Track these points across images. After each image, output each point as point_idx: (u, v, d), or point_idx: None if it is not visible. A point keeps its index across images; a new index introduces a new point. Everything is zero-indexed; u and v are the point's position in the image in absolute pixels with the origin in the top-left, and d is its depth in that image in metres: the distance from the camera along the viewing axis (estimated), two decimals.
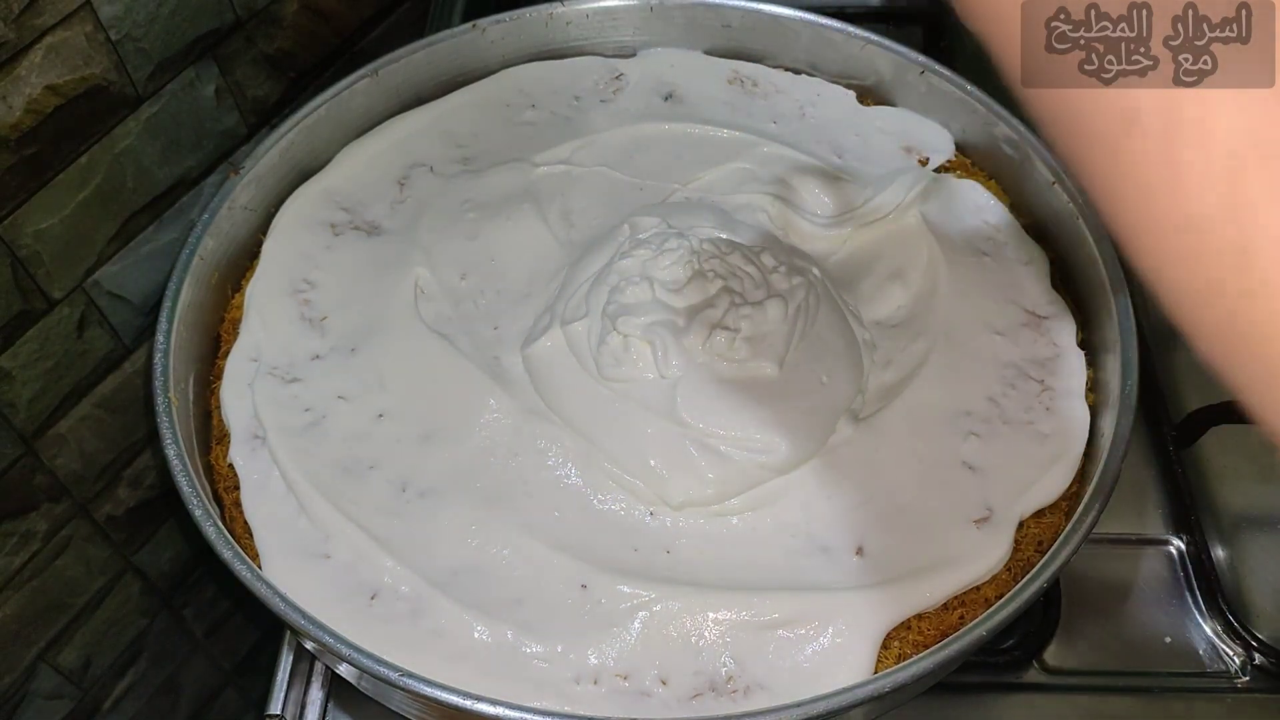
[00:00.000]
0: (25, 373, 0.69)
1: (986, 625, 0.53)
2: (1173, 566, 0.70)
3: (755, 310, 0.61)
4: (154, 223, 0.75)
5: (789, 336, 0.61)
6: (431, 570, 0.58)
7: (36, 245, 0.67)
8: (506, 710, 0.50)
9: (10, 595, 0.74)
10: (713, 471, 0.59)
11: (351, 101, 0.77)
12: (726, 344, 0.60)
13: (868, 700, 0.51)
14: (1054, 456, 0.61)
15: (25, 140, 0.63)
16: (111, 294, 0.73)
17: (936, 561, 0.57)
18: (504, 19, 0.81)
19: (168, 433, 0.59)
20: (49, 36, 0.62)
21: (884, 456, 0.61)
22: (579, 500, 0.60)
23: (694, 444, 0.59)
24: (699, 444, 0.59)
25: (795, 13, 0.82)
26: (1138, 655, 0.66)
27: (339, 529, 0.59)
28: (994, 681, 0.65)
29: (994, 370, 0.65)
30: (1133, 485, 0.73)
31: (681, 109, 0.80)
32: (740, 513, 0.59)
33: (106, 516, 0.80)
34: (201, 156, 0.77)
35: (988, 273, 0.69)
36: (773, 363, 0.61)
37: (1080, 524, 0.56)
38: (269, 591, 0.54)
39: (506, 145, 0.78)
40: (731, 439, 0.59)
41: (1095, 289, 0.67)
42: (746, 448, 0.59)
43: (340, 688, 0.65)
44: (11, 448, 0.70)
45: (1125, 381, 0.61)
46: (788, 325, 0.62)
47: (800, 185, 0.73)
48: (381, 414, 0.64)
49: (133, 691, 0.90)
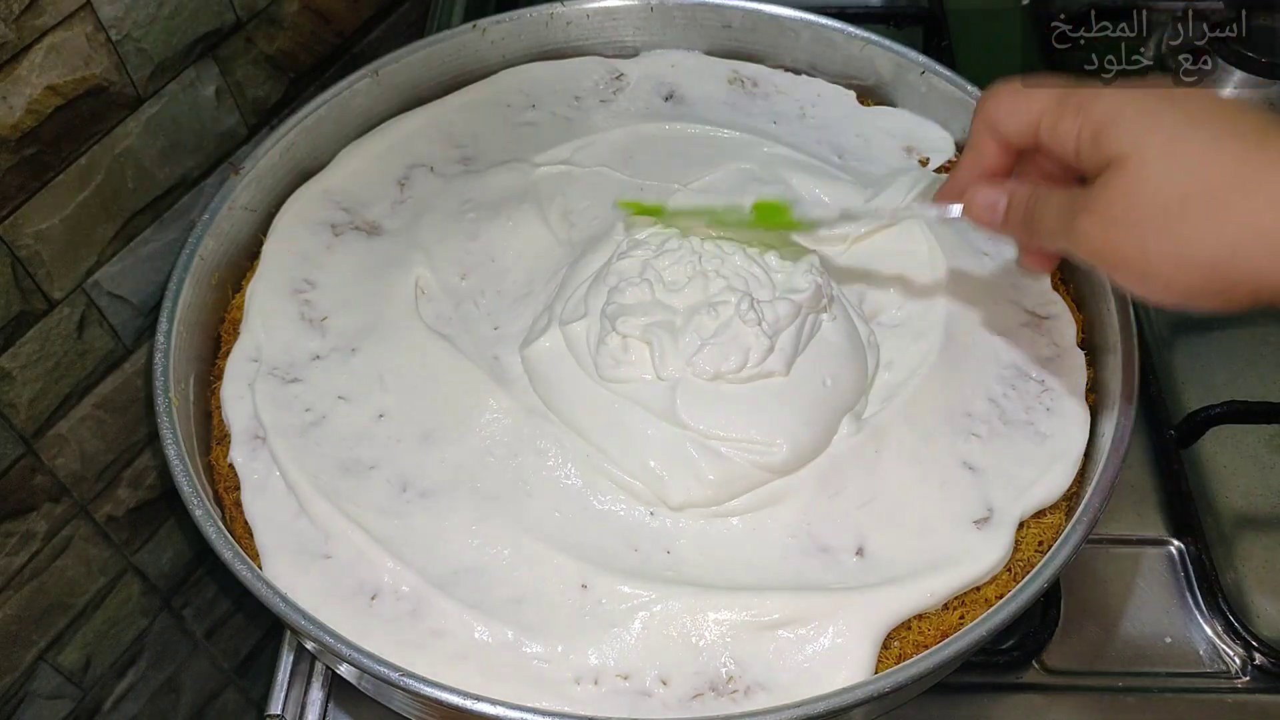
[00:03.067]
0: (25, 373, 0.69)
1: (986, 625, 0.53)
2: (1173, 566, 0.70)
3: (764, 309, 0.61)
4: (154, 223, 0.75)
5: (797, 338, 0.61)
6: (432, 570, 0.58)
7: (37, 245, 0.67)
8: (506, 710, 0.50)
9: (10, 595, 0.74)
10: (713, 473, 0.59)
11: (352, 102, 0.77)
12: (726, 351, 0.60)
13: (868, 700, 0.51)
14: (1054, 457, 0.61)
15: (26, 140, 0.63)
16: (112, 294, 0.73)
17: (936, 561, 0.57)
18: (504, 19, 0.81)
19: (168, 433, 0.59)
20: (49, 37, 0.62)
21: (884, 457, 0.61)
22: (579, 500, 0.60)
23: (694, 445, 0.59)
24: (699, 445, 0.59)
25: (795, 13, 0.82)
26: (1138, 655, 0.66)
27: (339, 529, 0.59)
28: (994, 682, 0.65)
29: (994, 370, 0.65)
30: (1133, 485, 0.73)
31: (682, 109, 0.80)
32: (741, 513, 0.59)
33: (107, 517, 0.80)
34: (201, 157, 0.77)
35: (988, 273, 0.69)
36: (781, 365, 0.60)
37: (1080, 524, 0.56)
38: (269, 592, 0.54)
39: (507, 145, 0.78)
40: (732, 441, 0.59)
41: (1095, 289, 0.67)
42: (747, 450, 0.59)
43: (340, 688, 0.65)
44: (12, 448, 0.70)
45: (1126, 382, 0.61)
46: (796, 326, 0.61)
47: (800, 185, 0.73)
48: (382, 414, 0.64)
49: (133, 691, 0.90)
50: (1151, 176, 0.42)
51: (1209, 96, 0.44)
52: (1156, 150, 0.42)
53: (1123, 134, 0.43)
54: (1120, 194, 0.43)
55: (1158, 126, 0.42)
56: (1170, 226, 0.41)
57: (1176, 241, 0.41)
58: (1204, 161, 0.41)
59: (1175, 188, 0.41)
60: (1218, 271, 0.41)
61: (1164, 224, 0.41)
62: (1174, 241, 0.42)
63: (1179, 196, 0.41)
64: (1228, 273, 0.41)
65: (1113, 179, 0.43)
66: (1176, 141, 0.41)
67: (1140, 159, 0.42)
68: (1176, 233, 0.41)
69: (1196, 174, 0.41)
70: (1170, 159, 0.41)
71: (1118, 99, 0.45)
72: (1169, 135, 0.42)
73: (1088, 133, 0.45)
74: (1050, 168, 0.52)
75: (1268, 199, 0.40)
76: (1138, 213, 0.42)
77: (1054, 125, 0.48)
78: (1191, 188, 0.41)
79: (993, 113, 0.52)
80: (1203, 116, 0.42)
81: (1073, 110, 0.47)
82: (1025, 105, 0.50)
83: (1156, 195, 0.42)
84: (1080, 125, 0.46)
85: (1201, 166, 0.41)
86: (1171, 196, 0.41)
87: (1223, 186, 0.40)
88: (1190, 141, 0.41)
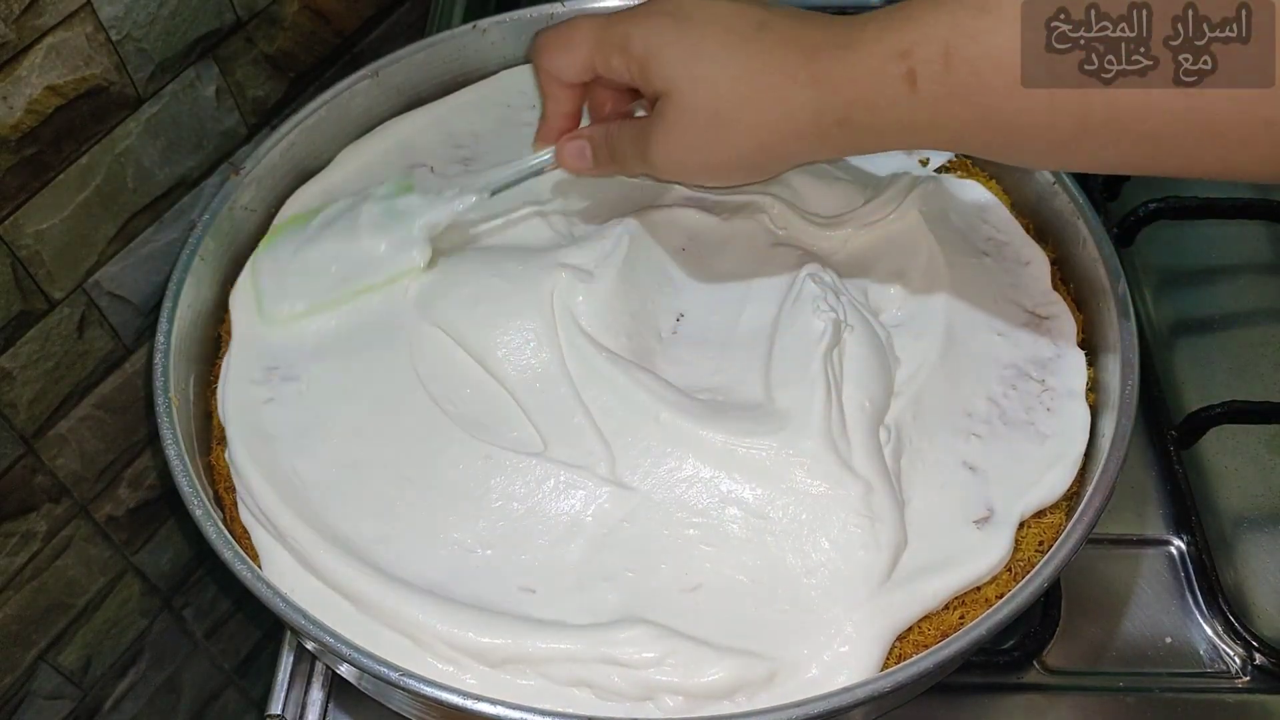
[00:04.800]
0: (25, 373, 0.69)
1: (986, 625, 0.53)
2: (1173, 566, 0.70)
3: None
4: (154, 223, 0.75)
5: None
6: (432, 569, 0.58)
7: (37, 246, 0.67)
8: (506, 710, 0.50)
9: (10, 595, 0.74)
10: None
11: (352, 102, 0.77)
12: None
13: (868, 700, 0.51)
14: (1055, 457, 0.61)
15: (26, 141, 0.63)
16: (112, 294, 0.74)
17: (937, 561, 0.57)
18: (504, 19, 0.81)
19: (168, 433, 0.59)
20: (49, 37, 0.62)
21: (884, 456, 0.61)
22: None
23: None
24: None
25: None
26: (1138, 655, 0.66)
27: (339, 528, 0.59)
28: (994, 682, 0.65)
29: (994, 370, 0.65)
30: (1133, 485, 0.73)
31: None
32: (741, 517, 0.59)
33: (107, 517, 0.80)
34: (202, 157, 0.77)
35: (988, 273, 0.69)
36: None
37: (1080, 524, 0.56)
38: (269, 592, 0.54)
39: (507, 145, 0.78)
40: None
41: (1095, 289, 0.67)
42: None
43: (341, 688, 0.65)
44: (12, 448, 0.70)
45: (1126, 381, 0.61)
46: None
47: (800, 185, 0.73)
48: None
49: (133, 692, 0.90)
50: (689, 103, 0.54)
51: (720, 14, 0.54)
52: (689, 81, 0.53)
53: (664, 69, 0.54)
54: (673, 122, 0.54)
55: (686, 58, 0.53)
56: (715, 137, 0.54)
57: (722, 148, 0.54)
58: (724, 81, 0.52)
59: (709, 107, 0.53)
60: (756, 158, 0.55)
61: (710, 137, 0.54)
62: (720, 148, 0.54)
63: (713, 113, 0.53)
64: (762, 159, 0.55)
65: (665, 109, 0.55)
66: (702, 67, 0.53)
67: (679, 91, 0.54)
68: (720, 140, 0.54)
69: (722, 93, 0.53)
70: (701, 84, 0.53)
71: (650, 36, 0.55)
72: (696, 63, 0.53)
73: (636, 68, 0.56)
74: (615, 91, 0.63)
75: (772, 99, 0.52)
76: (689, 134, 0.54)
77: (606, 63, 0.58)
78: (720, 104, 0.53)
79: (548, 64, 0.61)
80: (717, 38, 0.53)
81: (616, 50, 0.56)
82: (575, 53, 0.59)
83: (697, 117, 0.54)
84: (628, 62, 0.56)
85: (724, 85, 0.52)
86: (709, 115, 0.53)
87: (739, 99, 0.52)
88: (712, 64, 0.53)
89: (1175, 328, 0.83)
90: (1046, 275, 0.70)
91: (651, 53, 0.55)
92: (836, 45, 0.50)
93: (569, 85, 0.62)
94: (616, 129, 0.60)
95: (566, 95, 0.63)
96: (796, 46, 0.52)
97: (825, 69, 0.50)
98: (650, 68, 0.55)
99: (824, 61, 0.50)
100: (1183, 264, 0.87)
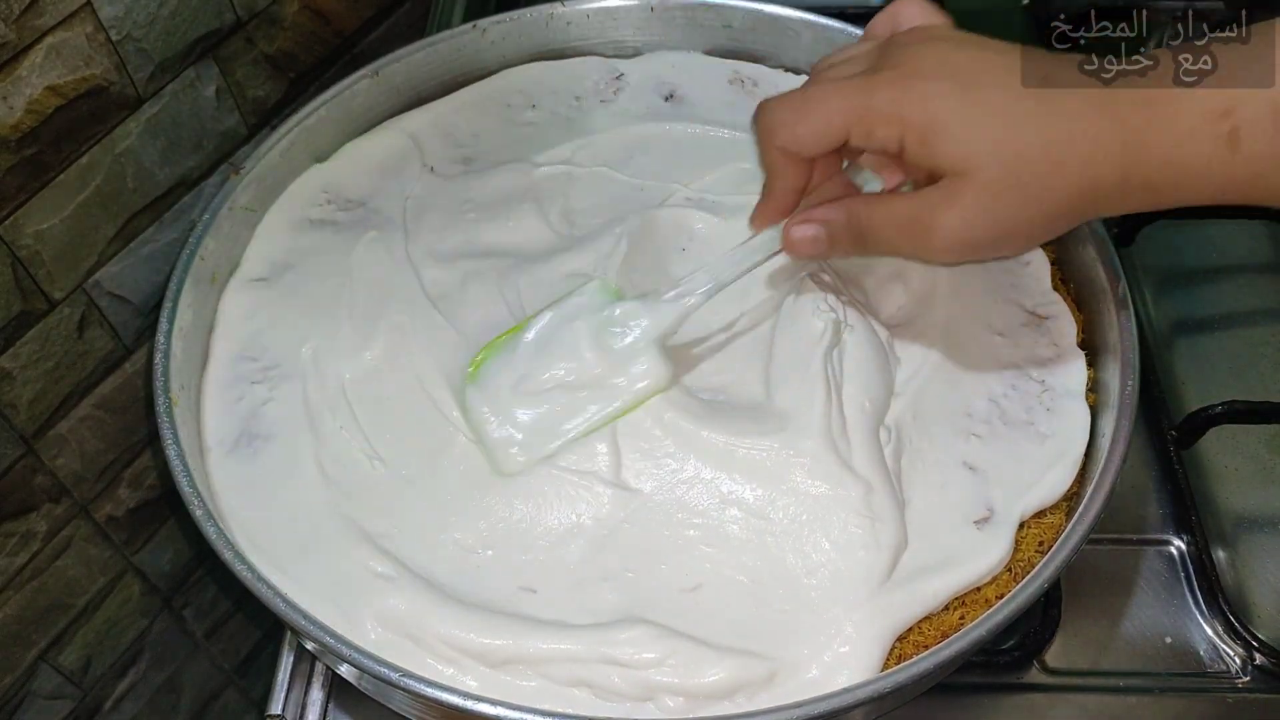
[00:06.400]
0: (26, 373, 0.69)
1: (987, 625, 0.53)
2: (1173, 566, 0.70)
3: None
4: (154, 223, 0.75)
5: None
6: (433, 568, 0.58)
7: (37, 246, 0.67)
8: (506, 710, 0.50)
9: (11, 595, 0.74)
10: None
11: (352, 102, 0.77)
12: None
13: (868, 700, 0.51)
14: (1055, 457, 0.61)
15: (26, 141, 0.63)
16: (112, 294, 0.74)
17: (937, 562, 0.57)
18: (504, 19, 0.81)
19: (168, 433, 0.59)
20: (49, 37, 0.62)
21: (884, 456, 0.61)
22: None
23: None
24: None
25: (796, 13, 0.81)
26: (1138, 655, 0.66)
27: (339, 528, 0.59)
28: (994, 682, 0.65)
29: (994, 371, 0.65)
30: (1133, 485, 0.73)
31: (682, 109, 0.80)
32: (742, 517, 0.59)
33: (107, 517, 0.80)
34: (202, 157, 0.77)
35: (988, 273, 0.69)
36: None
37: (1080, 524, 0.56)
38: (270, 592, 0.54)
39: (507, 145, 0.78)
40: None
41: (1095, 289, 0.67)
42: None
43: (340, 688, 0.65)
44: (12, 448, 0.70)
45: (1125, 381, 0.61)
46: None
47: None
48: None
49: (133, 692, 0.90)
50: (990, 176, 0.49)
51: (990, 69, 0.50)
52: (989, 154, 0.49)
53: (955, 141, 0.49)
54: (972, 198, 0.50)
55: (978, 125, 0.49)
56: (1015, 211, 0.50)
57: (1020, 220, 0.50)
58: (1028, 149, 0.49)
59: (1011, 177, 0.49)
60: (1052, 226, 0.52)
61: (1010, 211, 0.50)
62: (1018, 221, 0.50)
63: (1015, 185, 0.49)
64: (1059, 225, 0.52)
65: (959, 186, 0.50)
66: (998, 133, 0.49)
67: (978, 165, 0.49)
68: (1020, 212, 0.50)
69: (1026, 162, 0.49)
70: (1003, 155, 0.49)
71: (930, 102, 0.50)
72: (990, 130, 0.49)
73: (913, 137, 0.50)
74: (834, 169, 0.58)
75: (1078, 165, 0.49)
76: (990, 210, 0.50)
77: (867, 135, 0.52)
78: (1023, 174, 0.49)
79: (788, 138, 0.54)
80: (1005, 100, 0.49)
81: (883, 120, 0.51)
82: (824, 124, 0.53)
83: (1000, 190, 0.49)
84: (902, 132, 0.50)
85: (1028, 153, 0.49)
86: (1011, 186, 0.49)
87: (1044, 167, 0.49)
88: (1008, 130, 0.49)
89: (1175, 328, 0.83)
90: (1046, 275, 0.70)
91: (937, 122, 0.49)
92: (1137, 103, 0.48)
93: (805, 160, 0.56)
94: (864, 210, 0.54)
95: (798, 170, 0.56)
96: (1094, 104, 0.48)
97: (1137, 132, 0.48)
98: (936, 139, 0.50)
99: (1133, 122, 0.48)
100: (1183, 264, 0.87)
